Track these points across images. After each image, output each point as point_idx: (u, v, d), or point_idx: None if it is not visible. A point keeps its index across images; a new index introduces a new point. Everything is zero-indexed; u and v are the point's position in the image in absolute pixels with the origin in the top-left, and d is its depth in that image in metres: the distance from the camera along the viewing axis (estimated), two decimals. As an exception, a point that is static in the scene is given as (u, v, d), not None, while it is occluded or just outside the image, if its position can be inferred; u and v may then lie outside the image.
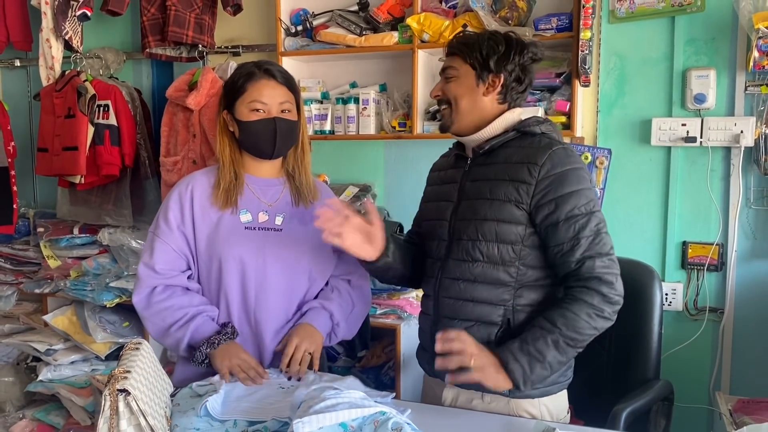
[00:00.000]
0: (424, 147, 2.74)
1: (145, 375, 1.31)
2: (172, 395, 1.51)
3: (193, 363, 1.59)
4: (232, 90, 1.64)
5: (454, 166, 1.64)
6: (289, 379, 1.57)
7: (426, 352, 1.64)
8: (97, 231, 2.91)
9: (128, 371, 1.25)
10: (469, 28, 2.39)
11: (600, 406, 1.74)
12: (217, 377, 1.57)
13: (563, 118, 2.34)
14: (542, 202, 1.46)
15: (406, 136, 2.56)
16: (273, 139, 1.61)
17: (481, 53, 1.51)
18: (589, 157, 2.47)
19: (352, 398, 1.30)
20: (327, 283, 1.78)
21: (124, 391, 1.20)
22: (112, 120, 2.77)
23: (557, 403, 1.54)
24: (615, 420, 1.70)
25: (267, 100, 1.59)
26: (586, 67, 2.31)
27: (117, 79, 2.99)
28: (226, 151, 1.67)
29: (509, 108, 1.56)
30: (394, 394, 1.38)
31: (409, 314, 2.46)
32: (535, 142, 1.51)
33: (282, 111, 1.62)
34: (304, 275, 1.71)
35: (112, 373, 1.24)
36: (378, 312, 2.50)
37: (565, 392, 1.58)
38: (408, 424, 1.24)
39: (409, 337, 2.54)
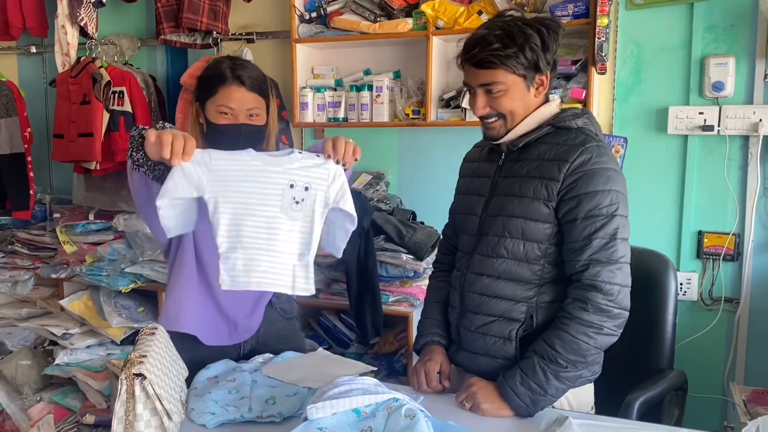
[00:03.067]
0: (438, 135, 2.73)
1: (160, 360, 1.33)
2: (188, 379, 1.53)
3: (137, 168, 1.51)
4: (205, 88, 1.65)
5: (488, 160, 1.61)
6: (338, 163, 1.48)
7: (453, 345, 1.63)
8: (113, 217, 2.92)
9: (144, 356, 1.26)
10: (483, 15, 2.37)
11: (613, 395, 1.73)
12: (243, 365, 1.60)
13: (579, 106, 2.31)
14: (566, 197, 1.43)
15: (420, 123, 2.55)
16: (237, 142, 1.61)
17: (526, 58, 1.42)
18: (605, 146, 2.45)
19: (366, 385, 1.31)
20: None
21: (140, 376, 1.21)
22: (127, 107, 2.78)
23: (581, 397, 1.53)
24: (628, 409, 1.69)
25: (235, 105, 1.60)
26: (603, 54, 2.28)
27: (132, 65, 3.00)
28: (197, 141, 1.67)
29: (545, 100, 1.52)
30: (422, 398, 1.38)
31: (422, 302, 2.44)
32: (570, 139, 1.47)
33: (249, 116, 1.63)
34: None
35: (129, 357, 1.25)
36: (390, 299, 2.50)
37: (590, 386, 1.56)
38: (421, 410, 1.24)
39: (420, 324, 2.54)
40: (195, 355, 1.66)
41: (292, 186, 1.43)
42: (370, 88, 2.60)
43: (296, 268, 1.44)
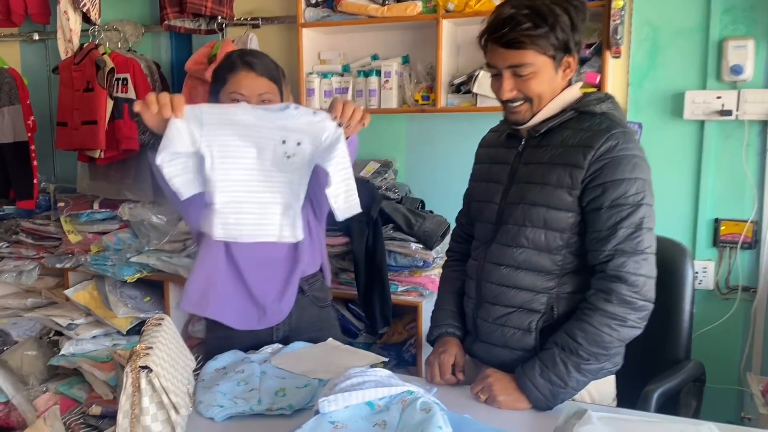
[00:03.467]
0: (448, 121, 2.68)
1: (167, 351, 1.29)
2: (196, 370, 1.49)
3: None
4: (217, 80, 1.67)
5: (506, 146, 1.55)
6: (340, 125, 1.46)
7: (469, 336, 1.59)
8: (117, 206, 2.88)
9: (150, 347, 1.23)
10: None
11: (629, 387, 1.69)
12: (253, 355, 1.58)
13: (593, 89, 2.26)
14: (591, 185, 1.37)
15: (430, 109, 2.50)
16: None
17: (557, 38, 1.36)
18: (619, 132, 2.40)
19: (379, 377, 1.27)
20: None
21: (146, 368, 1.18)
22: (131, 93, 2.74)
23: (603, 389, 1.48)
24: (646, 401, 1.65)
25: (245, 91, 1.60)
26: (618, 37, 2.22)
27: (135, 52, 2.95)
28: None
29: (567, 84, 1.46)
30: (436, 389, 1.34)
31: (431, 292, 2.42)
32: (594, 124, 1.41)
33: (262, 101, 1.61)
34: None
35: (134, 349, 1.22)
36: (399, 289, 2.46)
37: (612, 378, 1.51)
38: (436, 403, 1.20)
39: (430, 314, 2.50)
40: (229, 342, 1.67)
41: (284, 142, 1.45)
42: (379, 73, 2.55)
43: (283, 217, 1.51)
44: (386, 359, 1.62)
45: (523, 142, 1.50)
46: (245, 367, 1.51)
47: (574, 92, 1.47)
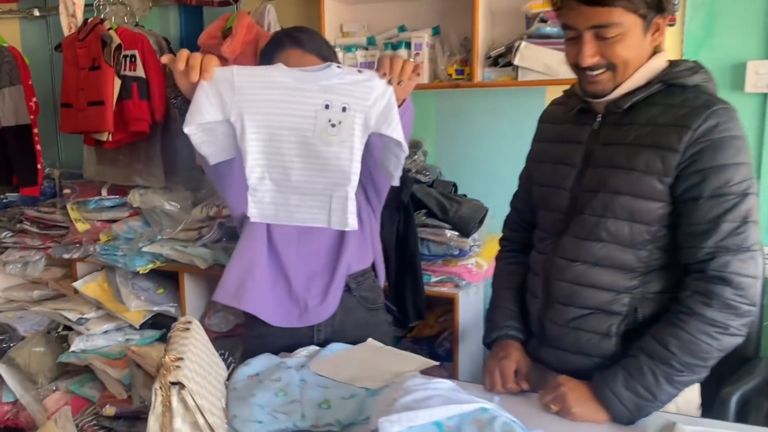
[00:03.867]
0: (483, 97, 2.49)
1: (199, 363, 1.12)
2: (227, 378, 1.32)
3: None
4: (262, 61, 1.54)
5: (577, 122, 1.35)
6: (389, 83, 1.29)
7: (534, 339, 1.42)
8: (127, 192, 2.71)
9: (180, 359, 1.06)
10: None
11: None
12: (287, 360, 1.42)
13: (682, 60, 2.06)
14: (687, 171, 1.19)
15: (465, 84, 2.30)
16: None
17: None
18: (671, 107, 2.21)
19: (443, 390, 1.10)
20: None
21: (178, 384, 1.01)
22: (140, 72, 2.54)
23: (688, 397, 1.32)
24: (724, 405, 1.50)
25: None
26: (674, 3, 2.02)
27: (143, 27, 2.75)
28: None
29: (653, 52, 1.27)
30: (498, 398, 1.18)
31: (468, 282, 2.25)
32: (689, 99, 1.22)
33: None
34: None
35: (162, 361, 1.05)
36: (433, 280, 2.28)
37: (696, 386, 1.35)
38: (514, 421, 1.04)
39: (468, 306, 2.34)
40: (265, 341, 1.54)
41: (327, 106, 1.26)
42: (408, 45, 2.35)
43: (333, 199, 1.30)
44: (437, 363, 1.45)
45: (599, 119, 1.31)
46: (282, 374, 1.34)
47: (661, 61, 1.28)
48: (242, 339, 1.67)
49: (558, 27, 2.11)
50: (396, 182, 1.36)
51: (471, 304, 2.38)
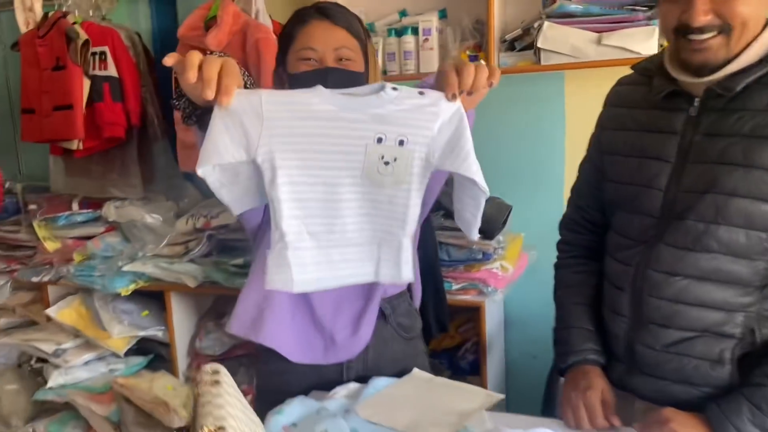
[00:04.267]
0: (501, 85, 2.27)
1: (241, 428, 0.89)
2: None
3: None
4: (283, 39, 1.31)
5: (666, 108, 1.14)
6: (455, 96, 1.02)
7: (618, 363, 1.22)
8: (101, 205, 2.45)
9: (222, 428, 0.82)
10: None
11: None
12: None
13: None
14: None
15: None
16: None
17: None
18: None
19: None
20: None
21: (225, 464, 0.78)
22: (112, 70, 2.28)
23: None
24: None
25: (318, 45, 1.24)
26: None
27: (110, 21, 2.47)
28: None
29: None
30: None
31: (494, 288, 2.04)
32: None
33: (339, 59, 1.24)
34: None
35: (202, 428, 0.81)
36: (454, 287, 2.07)
37: None
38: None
39: (494, 315, 2.14)
40: (284, 379, 1.31)
41: (380, 140, 1.02)
42: (415, 31, 2.13)
43: (382, 249, 1.05)
44: (502, 396, 1.24)
45: (696, 104, 1.10)
46: (328, 425, 1.11)
47: None
48: (257, 374, 1.43)
49: (583, 5, 1.92)
50: (475, 236, 1.11)
51: (495, 311, 2.19)
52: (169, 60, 0.96)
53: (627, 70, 1.27)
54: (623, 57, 1.87)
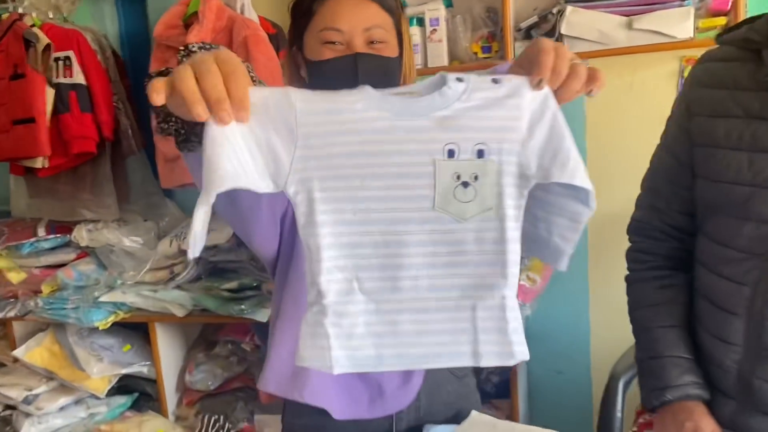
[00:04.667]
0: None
1: None
2: None
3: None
4: (298, 14, 1.07)
5: None
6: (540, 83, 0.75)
7: (727, 399, 1.03)
8: (71, 229, 2.20)
9: None
10: None
11: None
12: None
13: (722, 20, 1.72)
14: None
15: (496, 63, 1.90)
16: (354, 83, 0.94)
17: None
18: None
19: None
20: None
21: None
22: (78, 78, 2.02)
23: None
24: None
25: (344, 25, 1.01)
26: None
27: (74, 23, 2.21)
28: None
29: None
30: None
31: (522, 302, 1.85)
32: None
33: (370, 42, 1.02)
34: None
35: None
36: (477, 303, 1.87)
37: None
38: None
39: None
40: None
41: (451, 153, 0.74)
42: (421, 22, 1.92)
43: (479, 313, 0.75)
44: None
45: None
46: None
47: None
48: (285, 428, 1.20)
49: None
50: (564, 267, 0.80)
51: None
52: (158, 97, 0.67)
53: (661, 57, 1.07)
54: (657, 42, 1.71)
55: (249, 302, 1.96)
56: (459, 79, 0.76)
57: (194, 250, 0.67)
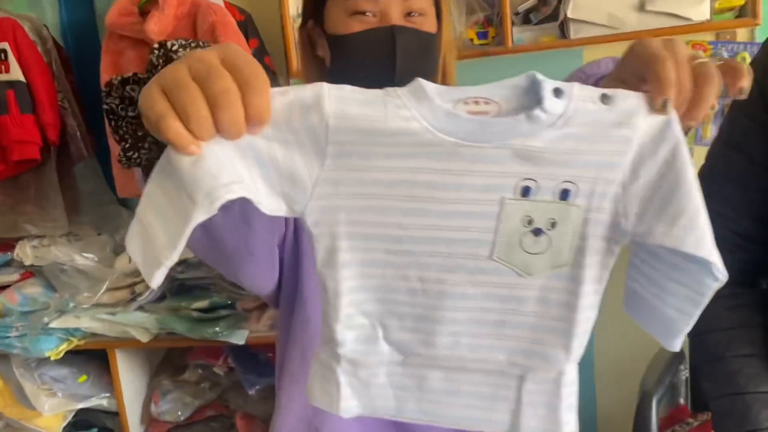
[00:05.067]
0: (510, 67, 1.92)
1: None
2: None
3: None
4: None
5: None
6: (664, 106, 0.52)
7: None
8: (13, 246, 1.95)
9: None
10: None
11: None
12: None
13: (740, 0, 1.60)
14: None
15: (496, 51, 1.73)
16: (391, 62, 0.85)
17: None
18: None
19: None
20: None
21: None
22: (16, 73, 1.77)
23: None
24: None
25: None
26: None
27: (11, 12, 1.95)
28: None
29: None
30: None
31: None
32: None
33: (408, 14, 0.85)
34: None
35: None
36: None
37: None
38: None
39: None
40: None
41: (527, 191, 0.54)
42: (409, 7, 1.75)
43: (526, 386, 0.60)
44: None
45: None
46: None
47: None
48: None
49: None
50: (677, 347, 0.59)
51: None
52: (195, 149, 0.48)
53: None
54: (671, 25, 1.58)
55: (224, 323, 1.76)
56: (557, 92, 0.52)
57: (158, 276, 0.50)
